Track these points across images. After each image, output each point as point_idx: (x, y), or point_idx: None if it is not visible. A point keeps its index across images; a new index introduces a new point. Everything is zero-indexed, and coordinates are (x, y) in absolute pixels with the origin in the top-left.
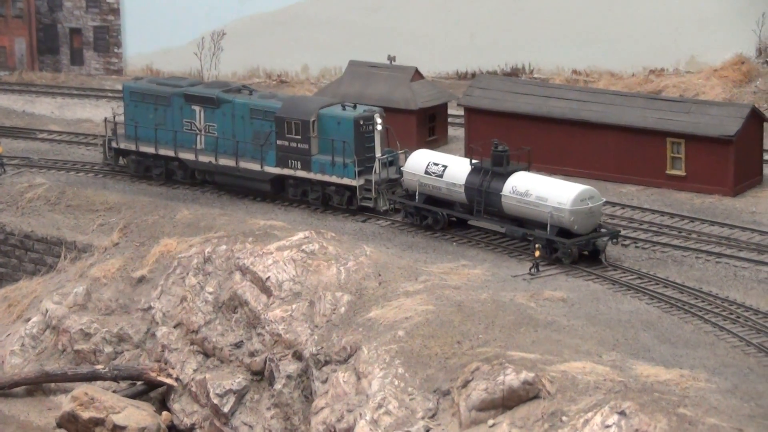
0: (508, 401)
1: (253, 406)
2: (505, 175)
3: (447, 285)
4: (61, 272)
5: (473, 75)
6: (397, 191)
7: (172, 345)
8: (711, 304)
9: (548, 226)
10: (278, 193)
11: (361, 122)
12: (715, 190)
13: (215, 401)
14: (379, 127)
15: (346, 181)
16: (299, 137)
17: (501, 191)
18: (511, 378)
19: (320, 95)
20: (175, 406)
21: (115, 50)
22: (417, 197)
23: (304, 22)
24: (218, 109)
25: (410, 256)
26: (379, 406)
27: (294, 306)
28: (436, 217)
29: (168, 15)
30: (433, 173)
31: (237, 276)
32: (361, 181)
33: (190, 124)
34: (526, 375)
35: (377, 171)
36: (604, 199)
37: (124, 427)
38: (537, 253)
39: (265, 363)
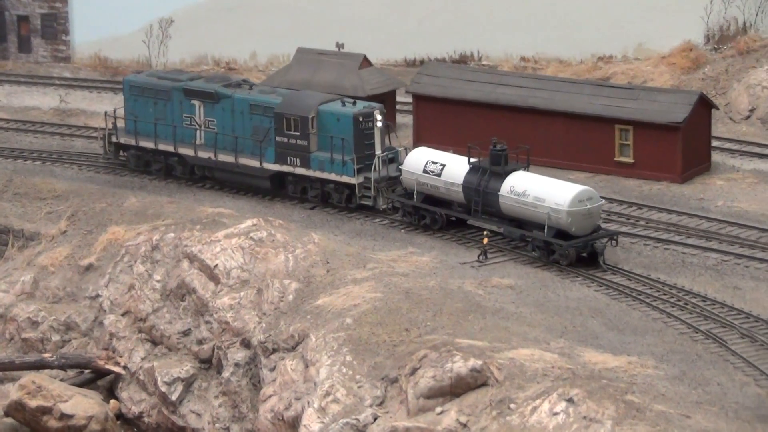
0: (456, 389)
1: (201, 394)
2: (503, 175)
3: (395, 272)
4: (8, 260)
5: (422, 62)
6: (397, 189)
7: (119, 333)
8: (659, 291)
9: (545, 227)
10: (278, 190)
11: (361, 119)
12: (663, 176)
13: (163, 389)
14: (379, 124)
15: (345, 178)
16: (298, 134)
17: (499, 191)
18: (459, 365)
19: (268, 82)
20: (123, 395)
21: (63, 38)
22: (415, 196)
23: (253, 9)
24: (218, 104)
25: (358, 243)
26: (327, 393)
27: (242, 294)
28: (434, 216)
29: (116, 2)
30: (432, 172)
31: (185, 264)
32: (361, 179)
33: (189, 119)
34: (474, 362)
35: (377, 168)
36: (603, 200)
37: (71, 416)
38: (485, 240)
39: (213, 351)
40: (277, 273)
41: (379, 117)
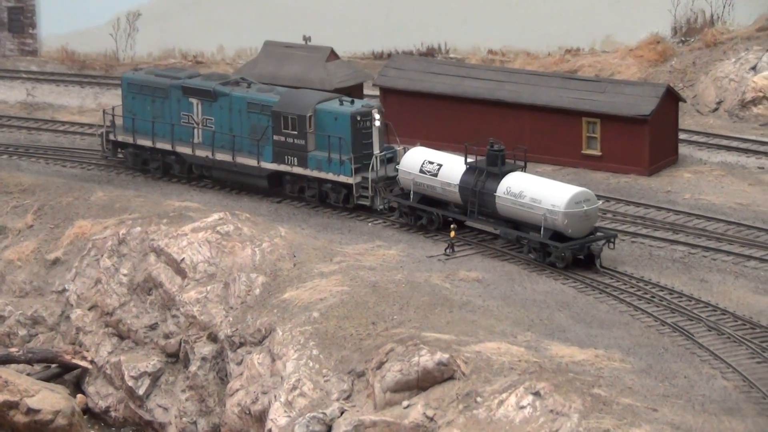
0: (423, 382)
1: (168, 388)
2: (500, 176)
3: (362, 266)
4: None
5: (389, 55)
6: (394, 189)
7: (86, 327)
8: (626, 284)
9: (542, 228)
10: (275, 189)
11: (358, 118)
12: (630, 169)
13: (130, 383)
14: (377, 123)
15: (342, 178)
16: (296, 132)
17: (495, 192)
18: (426, 359)
19: (236, 75)
20: (90, 389)
21: (30, 31)
22: (412, 196)
23: (220, 2)
24: (215, 102)
25: (325, 236)
26: (294, 387)
27: (209, 287)
28: (430, 217)
29: None
30: (428, 172)
31: (152, 258)
32: (358, 179)
33: (187, 117)
34: (440, 356)
35: (375, 168)
36: (601, 202)
37: (38, 410)
38: (452, 234)
39: (180, 345)
40: (243, 267)
41: (377, 116)
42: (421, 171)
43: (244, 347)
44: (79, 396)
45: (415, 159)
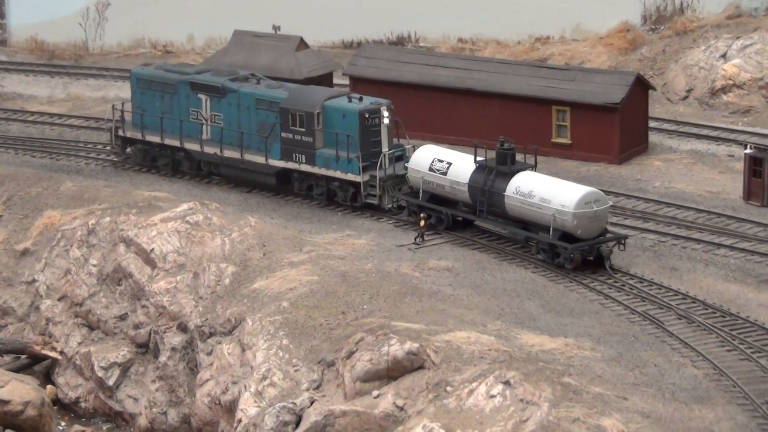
0: (393, 372)
1: (138, 378)
2: (509, 175)
3: (332, 255)
4: None
5: (359, 44)
6: (403, 188)
7: (56, 318)
8: (596, 272)
9: (551, 229)
10: (284, 186)
11: (367, 115)
12: (600, 158)
13: (100, 374)
14: (386, 121)
15: (350, 176)
16: (304, 130)
17: (504, 191)
18: (396, 348)
19: (205, 65)
20: (60, 380)
21: None
22: (420, 195)
23: None
24: (224, 99)
25: (295, 226)
26: (264, 377)
27: (178, 278)
28: (439, 216)
29: None
30: (438, 170)
31: (121, 248)
32: (366, 177)
33: (196, 113)
34: (410, 345)
35: (383, 166)
36: (611, 202)
37: (8, 401)
38: (422, 223)
39: (149, 335)
40: (213, 257)
41: (386, 114)
42: (431, 169)
43: (214, 337)
44: (49, 387)
45: (425, 157)
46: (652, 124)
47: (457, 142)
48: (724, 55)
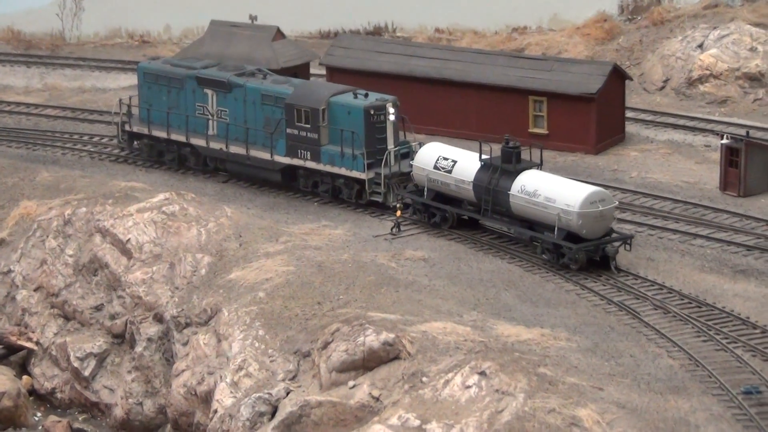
0: (369, 362)
1: (114, 369)
2: (515, 173)
3: (308, 245)
4: None
5: (336, 34)
6: (408, 186)
7: (32, 308)
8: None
9: (555, 229)
10: (289, 183)
11: (372, 112)
12: (577, 148)
13: (76, 365)
14: (392, 117)
15: (355, 173)
16: (309, 126)
17: (509, 190)
18: (371, 339)
19: (181, 55)
20: (36, 370)
21: None
22: (425, 193)
23: None
24: (230, 94)
25: (271, 216)
26: (240, 368)
27: (154, 268)
28: (444, 215)
29: None
30: (443, 168)
31: (97, 238)
32: (371, 175)
33: (202, 109)
34: (386, 336)
35: (389, 164)
36: (617, 202)
37: None
38: (398, 213)
39: (125, 326)
40: (189, 247)
41: (391, 110)
42: (436, 167)
43: (190, 328)
44: (25, 377)
45: (430, 155)
46: (628, 114)
47: (435, 132)
48: (700, 45)
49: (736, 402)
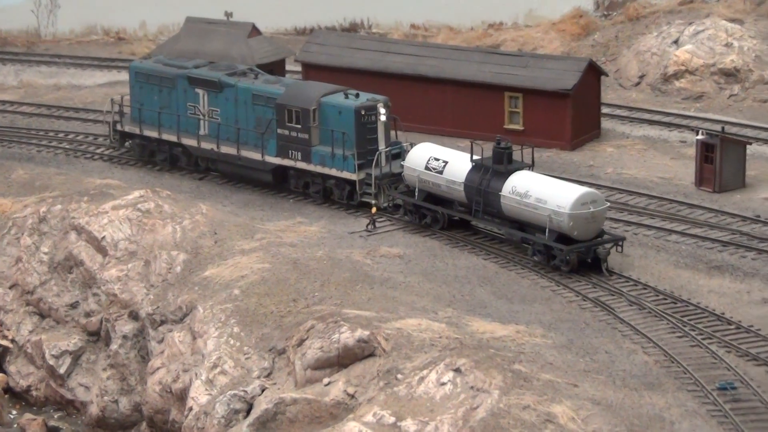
0: (344, 359)
1: (90, 366)
2: (506, 174)
3: (283, 242)
4: None
5: (311, 30)
6: (400, 187)
7: (7, 306)
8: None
9: (546, 230)
10: (280, 184)
11: (363, 112)
12: (553, 144)
13: (51, 362)
14: (383, 118)
15: (345, 174)
16: (300, 126)
17: (500, 191)
18: (346, 336)
19: (157, 52)
20: (11, 368)
21: None
22: (416, 194)
23: None
24: (221, 94)
25: (247, 213)
26: (215, 365)
27: (130, 265)
28: (435, 216)
29: None
30: (434, 169)
31: (72, 236)
32: (362, 175)
33: (193, 108)
34: (361, 333)
35: (380, 164)
36: (608, 203)
37: None
38: (373, 210)
39: (101, 323)
40: (164, 244)
41: (382, 110)
42: (427, 168)
43: (165, 325)
44: (0, 375)
45: (421, 155)
46: (604, 110)
47: (410, 129)
48: (676, 41)
49: (711, 398)
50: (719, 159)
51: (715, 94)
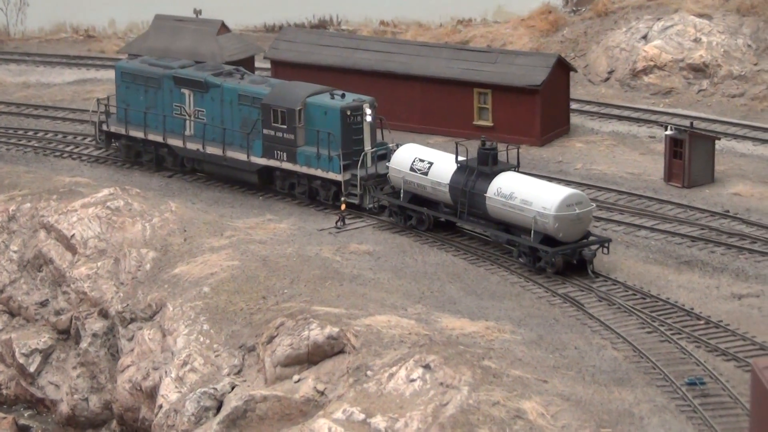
0: (313, 356)
1: (60, 365)
2: (491, 176)
3: (253, 240)
4: None
5: (281, 27)
6: (385, 188)
7: None
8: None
9: (532, 232)
10: (266, 184)
11: (349, 113)
12: (522, 140)
13: (21, 361)
14: (369, 118)
15: (331, 175)
16: (285, 127)
17: (486, 192)
18: (316, 333)
19: (126, 50)
20: None
21: None
22: (402, 195)
23: None
24: (207, 94)
25: (216, 211)
26: (185, 363)
27: (99, 263)
28: (420, 217)
29: None
30: (419, 170)
31: (42, 234)
32: (347, 176)
33: (179, 109)
34: (330, 330)
35: (365, 165)
36: (594, 205)
37: None
38: (343, 207)
39: (71, 321)
40: (134, 242)
41: (368, 111)
42: (412, 169)
43: (135, 323)
44: None
45: (406, 156)
46: (573, 105)
47: (379, 126)
48: (645, 37)
49: (679, 393)
50: (688, 154)
51: (683, 90)
